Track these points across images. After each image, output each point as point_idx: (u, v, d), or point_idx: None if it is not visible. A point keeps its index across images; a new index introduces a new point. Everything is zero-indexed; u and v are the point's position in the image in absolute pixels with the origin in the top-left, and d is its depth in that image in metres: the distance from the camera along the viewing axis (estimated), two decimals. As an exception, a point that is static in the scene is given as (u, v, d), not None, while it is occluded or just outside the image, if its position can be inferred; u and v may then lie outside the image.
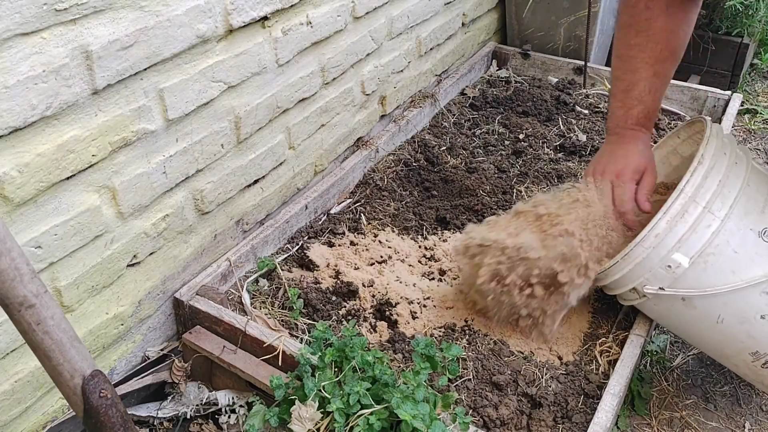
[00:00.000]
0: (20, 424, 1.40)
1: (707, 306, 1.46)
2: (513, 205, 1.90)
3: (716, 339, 1.51)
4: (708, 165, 1.45)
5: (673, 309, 1.51)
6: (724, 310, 1.45)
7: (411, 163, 2.30)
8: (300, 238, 1.97)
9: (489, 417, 1.49)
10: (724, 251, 1.43)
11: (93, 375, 1.02)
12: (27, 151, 1.23)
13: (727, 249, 1.43)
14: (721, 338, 1.49)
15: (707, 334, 1.51)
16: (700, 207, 1.43)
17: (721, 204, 1.44)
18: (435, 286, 1.83)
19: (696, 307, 1.47)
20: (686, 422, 1.65)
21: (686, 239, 1.43)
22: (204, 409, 1.59)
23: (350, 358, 1.38)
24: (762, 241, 1.44)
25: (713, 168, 1.45)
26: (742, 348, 1.48)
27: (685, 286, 1.46)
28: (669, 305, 1.51)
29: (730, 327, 1.46)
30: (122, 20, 1.32)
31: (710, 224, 1.43)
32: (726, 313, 1.45)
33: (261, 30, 1.69)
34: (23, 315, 0.95)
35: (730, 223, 1.43)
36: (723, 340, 1.49)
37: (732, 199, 1.44)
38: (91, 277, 1.44)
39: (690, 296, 1.46)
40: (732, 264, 1.43)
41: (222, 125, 1.66)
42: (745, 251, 1.43)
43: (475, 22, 2.85)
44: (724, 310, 1.45)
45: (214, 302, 1.65)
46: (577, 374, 1.59)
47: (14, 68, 1.16)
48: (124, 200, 1.46)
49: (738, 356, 1.50)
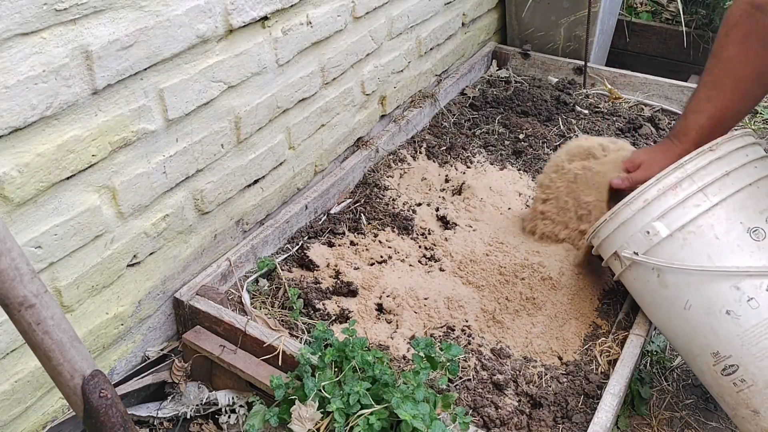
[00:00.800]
0: (20, 424, 1.40)
1: (678, 287, 1.46)
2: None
3: (683, 329, 1.48)
4: (719, 155, 1.45)
5: (649, 285, 1.51)
6: (692, 295, 1.44)
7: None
8: (300, 238, 1.97)
9: (489, 417, 1.49)
10: (706, 234, 1.42)
11: (93, 375, 1.02)
12: (27, 151, 1.23)
13: (709, 232, 1.42)
14: (688, 329, 1.47)
15: (676, 322, 1.50)
16: (696, 186, 1.44)
17: (718, 190, 1.43)
18: (435, 285, 1.83)
19: (668, 287, 1.47)
20: (686, 422, 1.65)
21: (672, 211, 1.44)
22: (204, 409, 1.59)
23: (350, 358, 1.38)
24: (749, 237, 1.42)
25: (723, 159, 1.45)
26: (706, 345, 1.44)
27: (660, 257, 1.47)
28: (645, 280, 1.52)
29: (696, 316, 1.44)
30: (122, 20, 1.32)
31: (700, 204, 1.43)
32: (694, 300, 1.44)
33: (261, 30, 1.69)
34: (23, 315, 0.95)
35: (721, 210, 1.42)
36: (689, 331, 1.47)
37: (732, 190, 1.43)
38: (91, 277, 1.44)
39: (662, 269, 1.47)
40: (710, 248, 1.42)
41: (222, 125, 1.67)
42: (728, 240, 1.41)
43: (475, 22, 2.85)
44: (693, 295, 1.44)
45: (214, 302, 1.65)
46: (577, 374, 1.59)
47: (14, 68, 1.16)
48: (124, 200, 1.46)
49: (702, 356, 1.47)
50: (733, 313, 1.39)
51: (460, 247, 1.96)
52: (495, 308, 1.76)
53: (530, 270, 1.85)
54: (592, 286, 1.84)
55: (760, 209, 1.44)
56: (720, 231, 1.42)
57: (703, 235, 1.43)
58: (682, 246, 1.44)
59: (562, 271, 1.85)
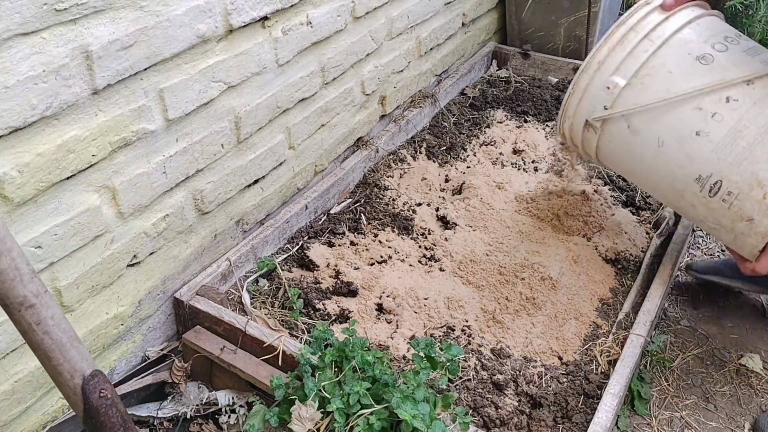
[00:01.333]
0: (20, 424, 1.40)
1: (647, 128, 1.57)
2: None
3: (664, 169, 1.57)
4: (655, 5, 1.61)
5: (623, 140, 1.63)
6: (661, 130, 1.55)
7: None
8: (300, 238, 1.97)
9: (489, 417, 1.49)
10: (660, 72, 1.55)
11: (93, 375, 1.02)
12: (27, 151, 1.23)
13: (662, 70, 1.55)
14: (668, 167, 1.56)
15: (656, 166, 1.59)
16: (639, 35, 1.58)
17: (661, 33, 1.57)
18: (435, 284, 1.83)
19: (639, 132, 1.58)
20: (686, 422, 1.65)
21: (624, 62, 1.58)
22: (204, 409, 1.59)
23: (350, 358, 1.38)
24: (698, 64, 1.54)
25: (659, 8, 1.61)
26: (688, 174, 1.52)
27: (624, 107, 1.60)
28: (618, 136, 1.63)
29: (670, 150, 1.54)
30: (122, 20, 1.32)
31: (648, 49, 1.57)
32: (663, 134, 1.54)
33: (261, 30, 1.69)
34: (23, 315, 0.95)
35: (667, 48, 1.56)
36: (670, 168, 1.56)
37: (674, 29, 1.57)
38: (91, 277, 1.44)
39: (629, 116, 1.59)
40: (667, 83, 1.54)
41: (222, 125, 1.66)
42: (680, 71, 1.54)
43: (475, 22, 2.85)
44: (662, 130, 1.55)
45: (214, 302, 1.65)
46: (577, 374, 1.59)
47: (14, 68, 1.16)
48: (124, 200, 1.46)
49: (688, 188, 1.54)
50: (702, 132, 1.49)
51: (460, 247, 1.96)
52: (495, 308, 1.76)
53: (530, 270, 1.85)
54: (592, 286, 1.84)
55: (703, 39, 1.56)
56: (671, 66, 1.55)
57: (657, 73, 1.56)
58: (641, 90, 1.57)
59: (562, 271, 1.85)
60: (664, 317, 1.91)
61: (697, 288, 2.01)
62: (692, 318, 1.92)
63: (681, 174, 1.54)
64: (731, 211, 1.49)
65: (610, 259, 1.94)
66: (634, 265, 1.93)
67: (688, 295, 1.98)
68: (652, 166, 1.60)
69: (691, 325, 1.90)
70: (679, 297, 1.97)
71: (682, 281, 2.02)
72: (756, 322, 1.91)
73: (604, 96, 1.61)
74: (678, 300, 1.96)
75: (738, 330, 1.89)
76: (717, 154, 1.48)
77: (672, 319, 1.91)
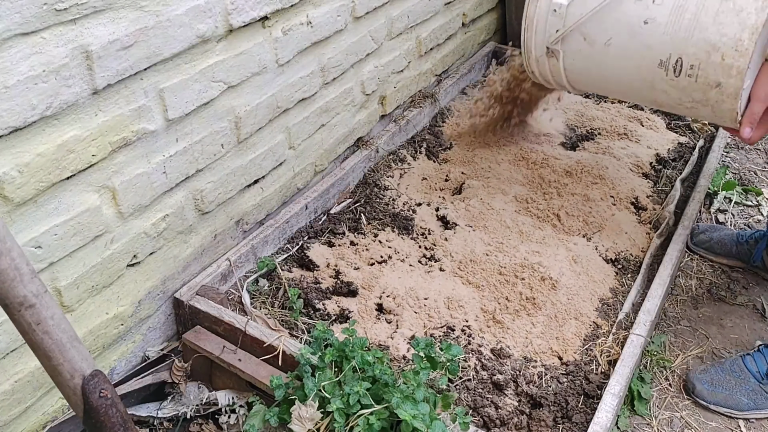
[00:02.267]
0: (20, 424, 1.40)
1: (600, 33, 1.69)
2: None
3: (628, 67, 1.68)
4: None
5: (584, 54, 1.75)
6: (613, 31, 1.67)
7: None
8: (300, 238, 1.97)
9: (489, 417, 1.49)
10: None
11: (93, 375, 1.02)
12: (27, 151, 1.23)
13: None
14: (629, 62, 1.67)
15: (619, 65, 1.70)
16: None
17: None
18: (435, 282, 1.83)
19: (594, 40, 1.71)
20: (686, 422, 1.65)
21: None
22: (204, 409, 1.59)
23: (350, 358, 1.38)
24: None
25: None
26: (650, 63, 1.63)
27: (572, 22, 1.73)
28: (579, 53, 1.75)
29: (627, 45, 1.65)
30: (122, 20, 1.32)
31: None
32: (617, 33, 1.66)
33: (261, 30, 1.69)
34: (23, 315, 0.95)
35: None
36: (632, 64, 1.66)
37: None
38: (91, 277, 1.44)
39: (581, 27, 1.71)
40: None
41: (222, 125, 1.66)
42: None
43: (475, 22, 2.85)
44: (614, 30, 1.67)
45: (214, 302, 1.65)
46: (578, 374, 1.59)
47: (14, 68, 1.16)
48: (124, 200, 1.46)
49: (656, 77, 1.64)
50: (649, 19, 1.61)
51: (460, 247, 1.96)
52: (495, 308, 1.76)
53: (530, 270, 1.85)
54: (592, 286, 1.84)
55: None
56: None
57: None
58: (583, 1, 1.71)
59: (562, 271, 1.85)
60: (664, 317, 1.91)
61: (697, 288, 2.01)
62: (692, 318, 1.92)
63: (644, 65, 1.65)
64: (699, 83, 1.59)
65: (610, 259, 1.94)
66: (634, 265, 1.93)
67: (688, 295, 1.98)
68: (617, 68, 1.71)
69: (691, 325, 1.90)
70: (679, 297, 1.97)
71: (683, 282, 2.02)
72: (756, 322, 1.91)
73: (554, 20, 1.76)
74: (678, 300, 1.96)
75: (738, 330, 1.88)
76: (668, 34, 1.59)
77: (672, 319, 1.91)
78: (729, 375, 1.65)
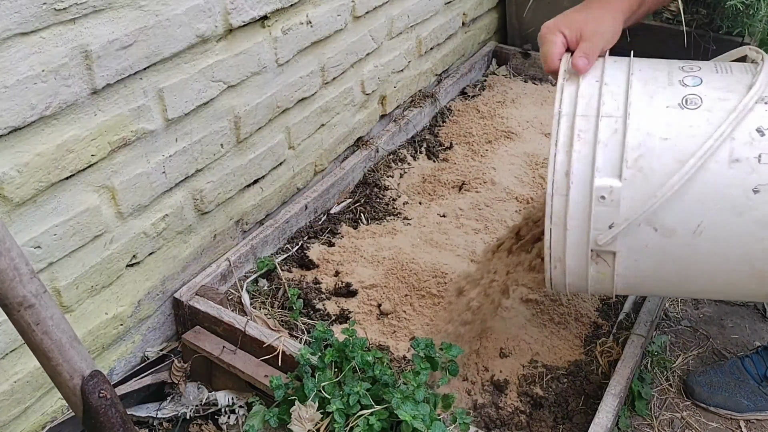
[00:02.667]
0: (20, 424, 1.40)
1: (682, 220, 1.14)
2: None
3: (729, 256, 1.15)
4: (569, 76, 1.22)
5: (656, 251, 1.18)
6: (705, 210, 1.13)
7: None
8: (300, 238, 1.97)
9: (489, 417, 1.49)
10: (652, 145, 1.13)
11: (92, 375, 1.02)
12: (26, 151, 1.23)
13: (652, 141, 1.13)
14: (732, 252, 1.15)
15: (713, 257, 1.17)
16: (592, 119, 1.16)
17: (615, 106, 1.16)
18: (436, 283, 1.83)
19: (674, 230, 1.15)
20: (687, 423, 1.64)
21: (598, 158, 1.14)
22: (204, 410, 1.59)
23: (350, 359, 1.37)
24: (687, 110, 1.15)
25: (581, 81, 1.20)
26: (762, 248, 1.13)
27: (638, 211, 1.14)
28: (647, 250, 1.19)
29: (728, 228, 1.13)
30: (122, 20, 1.32)
31: (616, 128, 1.14)
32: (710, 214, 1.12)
33: (261, 29, 1.69)
34: (22, 315, 0.95)
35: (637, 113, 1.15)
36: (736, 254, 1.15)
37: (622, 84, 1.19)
38: (91, 277, 1.44)
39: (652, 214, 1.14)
40: (672, 153, 1.13)
41: (222, 125, 1.66)
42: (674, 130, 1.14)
43: (475, 22, 2.85)
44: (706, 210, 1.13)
45: (214, 302, 1.65)
46: (578, 374, 1.59)
47: (13, 68, 1.16)
48: (124, 200, 1.45)
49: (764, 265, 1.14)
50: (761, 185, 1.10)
51: (461, 246, 1.95)
52: (495, 308, 1.76)
53: (530, 270, 1.85)
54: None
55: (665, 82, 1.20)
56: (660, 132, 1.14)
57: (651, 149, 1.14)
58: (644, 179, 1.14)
59: (562, 271, 1.85)
60: (665, 317, 1.91)
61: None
62: (693, 318, 1.92)
63: (759, 249, 1.14)
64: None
65: (610, 259, 1.94)
66: (635, 265, 1.93)
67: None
68: (711, 261, 1.18)
69: (691, 326, 1.90)
70: (679, 297, 1.97)
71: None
72: (756, 322, 1.90)
73: (603, 211, 1.15)
74: (678, 300, 1.96)
75: (738, 330, 1.88)
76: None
77: (673, 319, 1.90)
78: (728, 377, 1.64)
